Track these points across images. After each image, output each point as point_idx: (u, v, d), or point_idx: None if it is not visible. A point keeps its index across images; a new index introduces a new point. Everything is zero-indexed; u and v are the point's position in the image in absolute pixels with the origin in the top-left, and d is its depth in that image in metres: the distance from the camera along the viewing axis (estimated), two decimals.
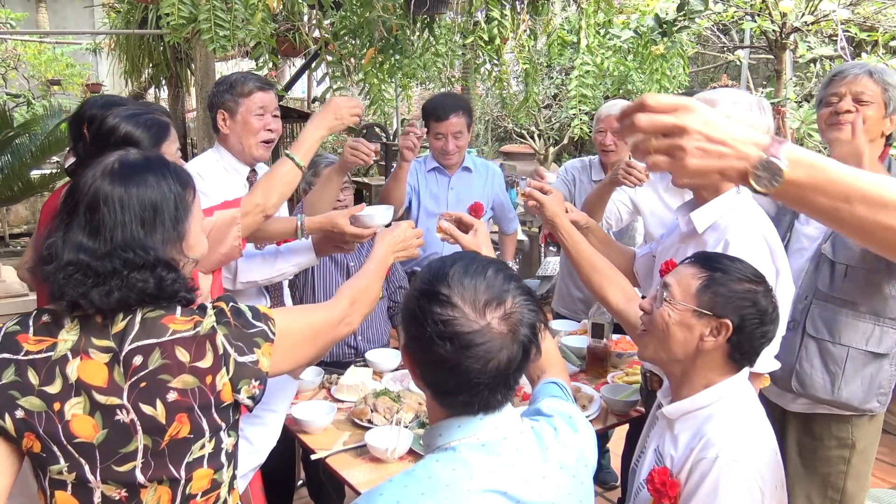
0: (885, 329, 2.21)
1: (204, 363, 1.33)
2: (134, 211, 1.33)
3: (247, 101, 2.52)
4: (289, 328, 1.47)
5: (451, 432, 1.16)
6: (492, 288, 1.13)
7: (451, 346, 1.09)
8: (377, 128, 6.98)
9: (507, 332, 1.11)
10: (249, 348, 1.39)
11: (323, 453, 2.14)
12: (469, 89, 5.18)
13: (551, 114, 9.41)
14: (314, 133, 2.16)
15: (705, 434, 1.47)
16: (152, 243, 1.34)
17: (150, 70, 7.30)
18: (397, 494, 1.08)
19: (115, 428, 1.31)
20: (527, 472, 1.15)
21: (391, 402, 2.34)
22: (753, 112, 1.94)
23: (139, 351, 1.30)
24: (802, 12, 3.88)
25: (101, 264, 1.29)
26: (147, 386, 1.30)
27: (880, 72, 2.20)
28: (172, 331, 1.33)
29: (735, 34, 5.85)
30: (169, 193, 1.38)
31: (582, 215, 2.42)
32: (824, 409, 2.29)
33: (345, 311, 1.63)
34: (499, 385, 1.13)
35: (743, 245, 1.87)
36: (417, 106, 11.08)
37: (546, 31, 3.88)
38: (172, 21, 2.60)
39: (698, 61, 7.85)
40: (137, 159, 1.41)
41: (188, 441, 1.35)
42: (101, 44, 9.84)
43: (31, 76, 10.44)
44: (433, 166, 3.44)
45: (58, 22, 12.15)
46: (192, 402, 1.33)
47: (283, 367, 1.48)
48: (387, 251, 1.85)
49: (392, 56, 3.36)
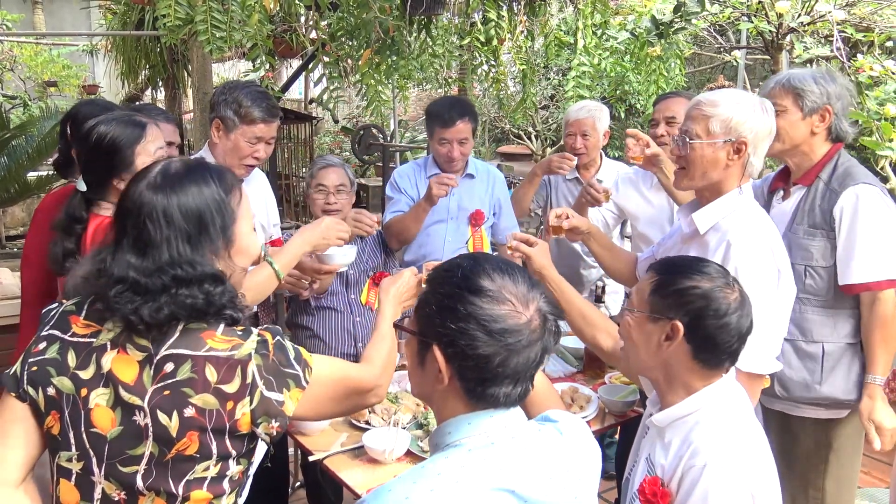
0: (849, 320, 2.28)
1: (229, 387, 1.31)
2: (179, 224, 1.33)
3: (246, 128, 2.48)
4: (323, 380, 1.45)
5: (461, 429, 1.16)
6: (525, 284, 1.18)
7: (500, 338, 1.13)
8: (374, 129, 6.98)
9: (539, 325, 1.16)
10: (279, 387, 1.36)
11: (320, 455, 2.14)
12: (466, 90, 5.18)
13: (548, 114, 9.43)
14: (300, 247, 2.15)
15: (693, 441, 1.47)
16: (200, 257, 1.34)
17: (146, 71, 7.29)
18: (406, 490, 1.09)
19: (130, 427, 1.31)
20: (535, 472, 1.15)
21: (389, 404, 2.34)
22: (756, 113, 1.94)
23: (172, 359, 1.31)
24: (798, 13, 3.88)
25: (151, 281, 1.29)
26: (170, 395, 1.30)
27: (791, 78, 2.30)
28: (209, 347, 1.32)
29: (731, 35, 5.86)
30: (213, 201, 1.37)
31: (583, 221, 2.42)
32: (808, 411, 2.33)
33: (377, 379, 1.60)
34: (526, 378, 1.17)
35: (745, 246, 1.87)
36: (414, 107, 11.09)
37: (543, 32, 3.89)
38: (169, 22, 2.60)
39: (695, 62, 7.85)
40: (178, 169, 1.39)
41: (193, 460, 1.33)
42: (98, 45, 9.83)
43: (27, 78, 10.44)
44: (434, 172, 3.23)
45: (54, 23, 12.13)
46: (206, 423, 1.31)
47: (307, 414, 1.45)
48: (395, 305, 1.82)
49: (389, 57, 3.37)
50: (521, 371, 1.15)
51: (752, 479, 1.43)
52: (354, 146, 7.12)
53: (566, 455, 1.21)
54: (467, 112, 3.12)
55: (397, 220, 3.10)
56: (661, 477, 1.51)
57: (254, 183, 2.73)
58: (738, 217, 1.95)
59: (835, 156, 2.30)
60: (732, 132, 1.92)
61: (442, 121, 3.10)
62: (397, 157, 7.17)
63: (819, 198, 2.26)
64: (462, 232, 3.22)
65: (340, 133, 10.54)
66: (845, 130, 2.33)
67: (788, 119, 2.28)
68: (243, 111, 2.46)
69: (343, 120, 10.82)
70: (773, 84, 2.34)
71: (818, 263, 2.25)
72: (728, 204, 1.97)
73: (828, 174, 2.28)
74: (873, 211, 2.18)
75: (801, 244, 2.28)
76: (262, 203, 2.77)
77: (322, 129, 11.16)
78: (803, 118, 2.28)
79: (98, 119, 1.99)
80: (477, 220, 3.24)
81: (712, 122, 1.93)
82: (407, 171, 3.33)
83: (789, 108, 2.28)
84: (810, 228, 2.26)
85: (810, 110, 2.27)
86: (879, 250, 2.17)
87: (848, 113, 2.35)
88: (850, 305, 2.28)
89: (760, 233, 1.92)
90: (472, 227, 3.04)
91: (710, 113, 1.93)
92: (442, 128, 3.11)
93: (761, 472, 1.46)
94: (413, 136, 10.08)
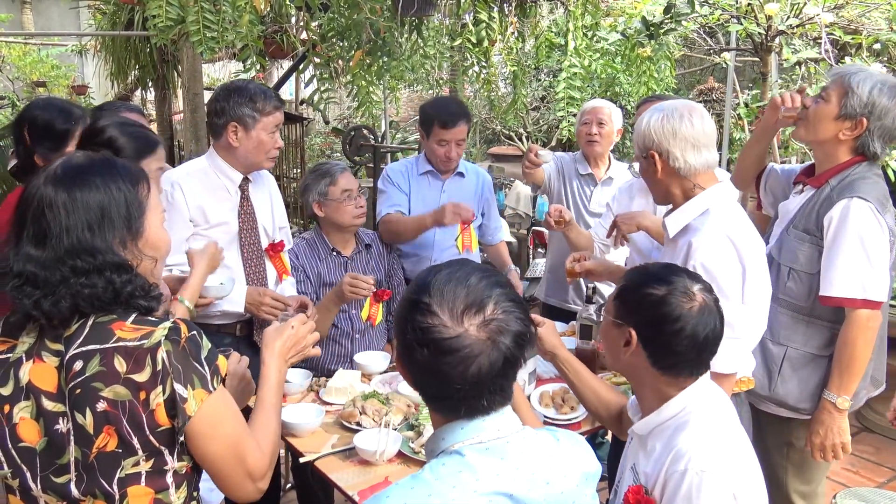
0: (822, 331, 2.27)
1: (140, 377, 1.26)
2: (79, 215, 1.29)
3: (265, 119, 2.50)
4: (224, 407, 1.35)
5: (455, 435, 1.17)
6: (472, 294, 1.15)
7: (429, 352, 1.12)
8: (365, 130, 6.97)
9: (486, 338, 1.13)
10: (185, 381, 1.29)
11: (311, 456, 2.14)
12: (457, 91, 5.18)
13: (539, 115, 9.44)
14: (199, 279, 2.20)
15: (675, 446, 1.48)
16: (101, 246, 1.30)
17: (136, 72, 7.25)
18: (404, 496, 1.09)
19: (53, 437, 1.28)
20: (531, 476, 1.15)
21: (380, 405, 2.34)
22: (655, 123, 2.01)
23: (81, 356, 1.27)
24: (788, 15, 3.91)
25: (50, 273, 1.26)
26: (81, 393, 1.26)
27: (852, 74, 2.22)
28: (117, 338, 1.28)
29: (721, 37, 5.89)
30: (118, 192, 1.34)
31: (598, 264, 2.61)
32: (771, 407, 2.36)
33: (263, 471, 1.42)
34: (482, 390, 1.14)
35: (705, 246, 1.90)
36: (406, 108, 11.08)
37: (534, 33, 3.91)
38: (160, 23, 2.59)
39: (685, 63, 7.89)
40: (80, 162, 1.37)
41: (117, 455, 1.30)
42: (87, 45, 9.77)
43: (15, 78, 10.35)
44: (426, 169, 3.30)
45: (43, 23, 12.05)
46: (120, 415, 1.27)
47: (201, 431, 1.32)
48: (279, 364, 1.59)
49: (380, 58, 3.37)
50: (474, 383, 1.13)
51: (733, 480, 1.43)
52: (345, 147, 7.10)
53: (562, 460, 1.21)
54: (466, 114, 3.18)
55: (397, 221, 3.14)
56: (645, 484, 1.52)
57: (261, 184, 2.72)
58: (708, 217, 1.97)
59: (853, 165, 2.24)
60: (642, 147, 2.06)
61: (442, 122, 3.12)
62: (388, 158, 7.16)
63: (819, 203, 2.24)
64: (451, 229, 3.23)
65: (331, 134, 10.52)
66: (874, 151, 2.23)
67: (823, 110, 2.23)
68: (260, 105, 2.48)
69: (334, 121, 10.80)
70: (838, 72, 2.28)
71: (802, 268, 2.25)
72: (697, 205, 2.00)
73: (837, 181, 2.23)
74: (859, 226, 2.13)
75: (790, 246, 2.28)
76: (268, 205, 2.75)
77: (313, 130, 11.13)
78: (836, 118, 2.21)
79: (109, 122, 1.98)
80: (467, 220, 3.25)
81: (635, 141, 2.10)
82: (399, 168, 3.36)
83: (831, 100, 2.22)
84: (802, 233, 2.26)
85: (846, 114, 2.19)
86: (857, 267, 2.13)
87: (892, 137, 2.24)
88: (829, 318, 2.25)
89: (722, 232, 1.92)
90: (461, 225, 3.05)
91: (635, 133, 2.11)
92: (442, 128, 3.13)
93: (743, 474, 1.47)
94: (404, 137, 10.07)
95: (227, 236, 2.55)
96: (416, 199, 3.28)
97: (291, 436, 2.25)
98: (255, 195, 2.67)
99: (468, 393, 1.13)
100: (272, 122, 2.52)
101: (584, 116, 3.44)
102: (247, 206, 2.63)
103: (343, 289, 2.65)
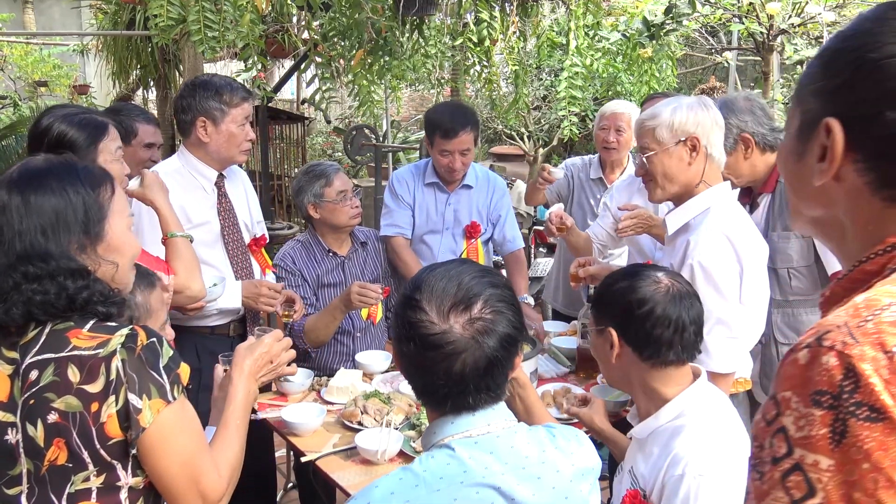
0: None
1: (93, 387, 1.22)
2: (32, 219, 1.26)
3: (234, 111, 2.46)
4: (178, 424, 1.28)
5: (445, 429, 1.18)
6: (462, 292, 1.16)
7: (415, 346, 1.15)
8: (366, 129, 6.97)
9: (471, 336, 1.14)
10: (140, 391, 1.24)
11: (313, 455, 2.14)
12: (459, 91, 5.18)
13: (541, 115, 9.44)
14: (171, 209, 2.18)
15: (672, 450, 1.48)
16: (55, 251, 1.26)
17: (137, 72, 7.25)
18: (392, 486, 1.12)
19: (2, 447, 1.24)
20: (521, 471, 1.16)
21: (381, 404, 2.34)
22: (694, 110, 1.98)
23: (37, 365, 1.23)
24: (789, 15, 3.91)
25: (2, 279, 1.23)
26: (34, 404, 1.22)
27: None
28: (73, 346, 1.23)
29: (723, 36, 5.88)
30: (75, 196, 1.30)
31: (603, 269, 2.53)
32: None
33: (217, 494, 1.35)
34: (467, 387, 1.15)
35: (703, 245, 1.90)
36: (407, 107, 11.10)
37: (535, 32, 3.91)
38: (161, 22, 2.59)
39: (686, 63, 7.89)
40: (38, 165, 1.34)
41: (67, 470, 1.25)
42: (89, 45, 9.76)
43: (17, 77, 10.37)
44: (432, 180, 3.09)
45: (44, 23, 12.07)
46: (70, 427, 1.22)
47: (154, 446, 1.26)
48: (248, 384, 1.53)
49: (381, 58, 3.37)
50: (459, 380, 1.14)
51: (731, 484, 1.43)
52: (346, 147, 7.10)
53: (555, 456, 1.21)
54: (470, 121, 2.94)
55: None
56: (643, 488, 1.52)
57: (235, 179, 2.70)
58: (709, 215, 1.97)
59: None
60: (680, 133, 1.97)
61: (443, 131, 2.91)
62: (389, 158, 7.16)
63: (785, 200, 2.26)
64: (456, 243, 3.16)
65: (332, 133, 10.53)
66: (767, 142, 2.32)
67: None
68: (227, 97, 2.45)
69: (335, 120, 10.81)
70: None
71: (799, 264, 2.29)
72: (699, 203, 2.00)
73: None
74: None
75: (778, 248, 2.30)
76: (244, 199, 2.73)
77: (314, 129, 11.14)
78: (745, 157, 2.31)
79: (54, 116, 1.95)
80: (472, 233, 3.14)
81: (659, 132, 1.99)
82: (405, 177, 3.16)
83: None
84: (783, 232, 2.29)
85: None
86: None
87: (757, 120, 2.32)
88: None
89: (724, 231, 1.92)
90: (466, 240, 3.00)
91: (654, 124, 2.00)
92: (443, 139, 2.92)
93: (741, 477, 1.46)
94: (405, 137, 10.07)
95: (211, 235, 2.54)
96: (421, 212, 3.12)
97: (293, 435, 2.26)
98: (232, 191, 2.65)
99: (453, 389, 1.15)
100: (241, 113, 2.48)
101: (602, 121, 3.30)
102: (225, 203, 2.61)
103: (351, 297, 2.62)
